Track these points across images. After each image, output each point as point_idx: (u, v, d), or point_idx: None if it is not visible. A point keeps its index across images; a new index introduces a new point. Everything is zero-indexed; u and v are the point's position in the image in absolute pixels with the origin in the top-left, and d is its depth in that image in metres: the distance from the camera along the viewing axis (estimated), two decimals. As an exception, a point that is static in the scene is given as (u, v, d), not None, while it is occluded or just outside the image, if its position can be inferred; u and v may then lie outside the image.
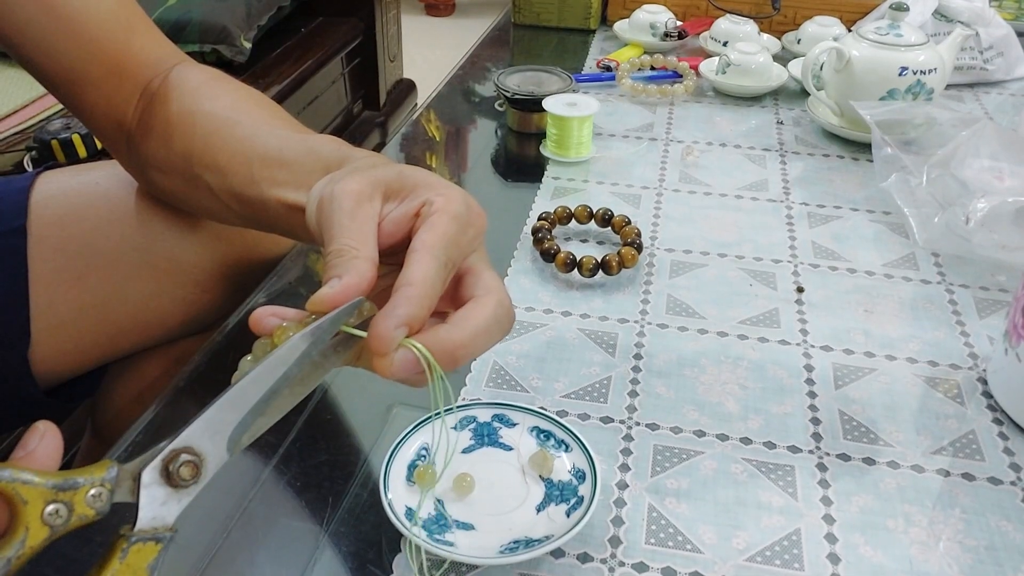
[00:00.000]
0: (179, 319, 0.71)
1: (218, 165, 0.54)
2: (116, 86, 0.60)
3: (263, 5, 1.85)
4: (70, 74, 0.59)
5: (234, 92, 0.60)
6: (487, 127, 0.99)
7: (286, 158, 0.51)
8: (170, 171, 0.59)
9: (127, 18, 0.60)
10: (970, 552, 0.47)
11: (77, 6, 0.58)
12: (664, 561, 0.46)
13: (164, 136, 0.58)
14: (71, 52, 0.58)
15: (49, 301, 0.65)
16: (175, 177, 0.59)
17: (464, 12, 3.85)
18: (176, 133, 0.57)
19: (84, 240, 0.66)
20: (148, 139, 0.60)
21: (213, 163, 0.55)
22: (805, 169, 0.88)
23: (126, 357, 0.73)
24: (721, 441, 0.54)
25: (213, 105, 0.57)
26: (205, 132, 0.56)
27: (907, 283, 0.70)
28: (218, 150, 0.54)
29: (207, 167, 0.55)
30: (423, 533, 0.46)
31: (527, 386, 0.58)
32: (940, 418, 0.56)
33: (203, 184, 0.56)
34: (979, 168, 0.77)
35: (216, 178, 0.55)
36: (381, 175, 0.41)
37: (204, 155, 0.55)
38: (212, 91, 0.59)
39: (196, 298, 0.71)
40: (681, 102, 1.02)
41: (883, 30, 0.90)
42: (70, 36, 0.58)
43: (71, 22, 0.58)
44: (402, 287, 0.37)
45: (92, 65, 0.59)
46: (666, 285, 0.69)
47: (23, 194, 0.66)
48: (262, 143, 0.53)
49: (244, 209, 0.54)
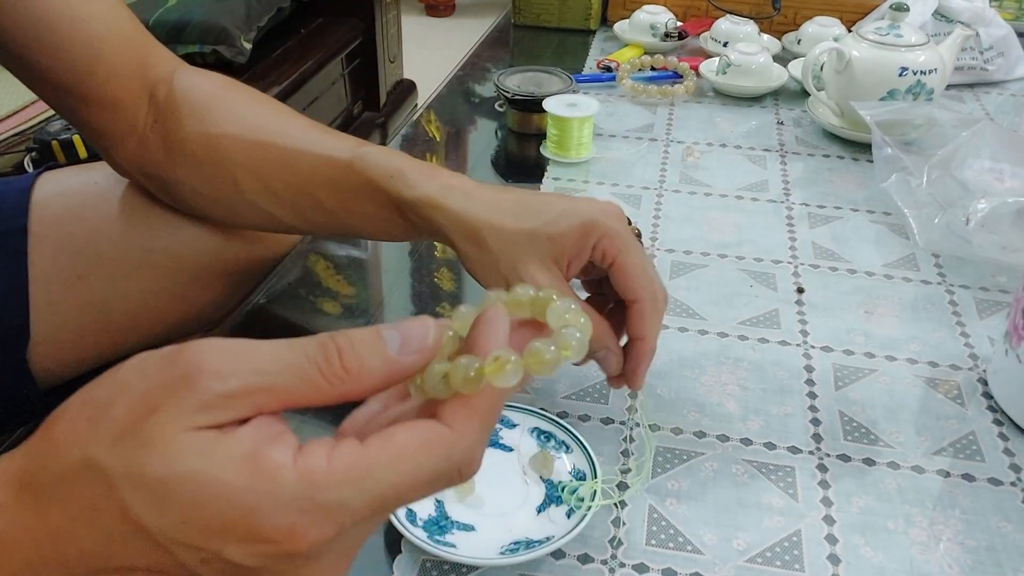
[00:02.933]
0: (179, 318, 0.71)
1: (274, 192, 0.57)
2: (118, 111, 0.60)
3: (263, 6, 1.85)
4: (67, 81, 0.58)
5: (246, 105, 0.61)
6: (487, 128, 0.99)
7: (350, 184, 0.54)
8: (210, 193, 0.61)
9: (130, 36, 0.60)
10: (970, 553, 0.47)
11: (72, 13, 0.57)
12: (664, 562, 0.46)
13: (190, 162, 0.59)
14: (68, 60, 0.58)
15: (49, 300, 0.65)
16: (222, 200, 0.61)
17: (464, 13, 3.85)
18: (206, 161, 0.58)
19: (84, 240, 0.66)
20: (172, 163, 0.60)
21: (266, 190, 0.57)
22: (805, 169, 0.88)
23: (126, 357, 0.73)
24: (721, 442, 0.54)
25: (237, 127, 0.58)
26: (243, 161, 0.57)
27: (907, 284, 0.70)
28: (268, 177, 0.57)
29: (259, 192, 0.58)
30: (423, 534, 0.46)
31: (527, 387, 0.58)
32: (940, 419, 0.56)
33: (258, 209, 0.59)
34: (979, 169, 0.77)
35: (271, 202, 0.58)
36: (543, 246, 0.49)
37: (253, 183, 0.58)
38: (225, 108, 0.60)
39: (196, 297, 0.71)
40: (681, 102, 1.02)
41: (883, 30, 0.90)
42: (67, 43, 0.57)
43: (67, 30, 0.57)
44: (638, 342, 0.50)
45: (93, 85, 0.59)
46: (666, 285, 0.68)
47: (24, 194, 0.66)
48: (311, 167, 0.56)
49: (302, 222, 0.58)
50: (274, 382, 0.28)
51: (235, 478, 0.26)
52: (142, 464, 0.26)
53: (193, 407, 0.27)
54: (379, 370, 0.29)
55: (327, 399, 0.28)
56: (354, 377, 0.28)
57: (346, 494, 0.27)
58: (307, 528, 0.26)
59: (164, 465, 0.26)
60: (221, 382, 0.27)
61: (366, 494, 0.27)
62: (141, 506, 0.26)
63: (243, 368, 0.28)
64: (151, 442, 0.26)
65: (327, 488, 0.27)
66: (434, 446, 0.28)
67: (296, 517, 0.26)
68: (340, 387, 0.28)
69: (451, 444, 0.29)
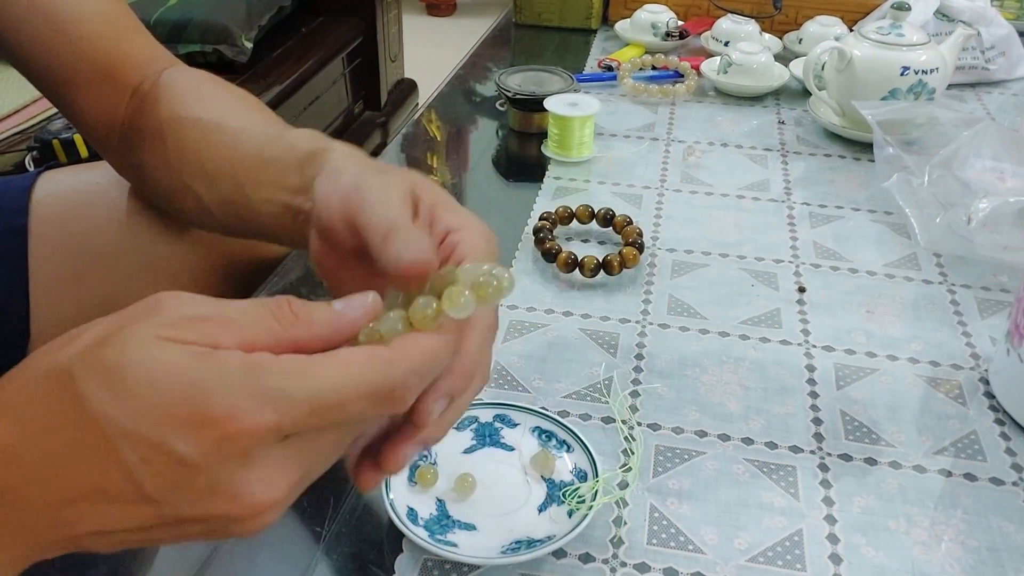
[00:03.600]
0: (180, 319, 0.71)
1: (206, 172, 0.54)
2: (107, 87, 0.60)
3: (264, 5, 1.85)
4: (61, 74, 0.59)
5: (221, 96, 0.60)
6: (488, 127, 0.99)
7: (266, 156, 0.50)
8: (162, 177, 0.59)
9: (118, 19, 0.60)
10: (972, 553, 0.47)
11: (69, 6, 0.58)
12: (666, 561, 0.46)
13: (155, 142, 0.58)
14: (63, 52, 0.58)
15: (49, 300, 0.65)
16: (166, 183, 0.58)
17: (465, 12, 3.85)
18: (167, 140, 0.57)
19: (84, 239, 0.66)
20: (141, 144, 0.59)
21: (201, 171, 0.54)
22: (806, 169, 0.88)
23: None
24: (723, 441, 0.54)
25: (201, 111, 0.57)
26: (193, 139, 0.55)
27: (909, 283, 0.70)
28: (205, 158, 0.54)
29: (195, 175, 0.55)
30: (425, 533, 0.46)
31: (528, 386, 0.58)
32: (942, 418, 0.56)
33: (192, 193, 0.55)
34: (981, 168, 0.77)
35: (204, 185, 0.54)
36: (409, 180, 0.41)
37: (192, 163, 0.55)
38: (200, 95, 0.59)
39: (196, 298, 0.71)
40: (682, 102, 1.02)
41: (885, 30, 0.90)
42: (62, 36, 0.58)
43: (63, 22, 0.58)
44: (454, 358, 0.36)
45: (83, 65, 0.59)
46: (667, 285, 0.69)
47: (24, 193, 0.66)
48: (244, 146, 0.52)
49: (230, 217, 0.53)
50: (231, 315, 0.31)
51: (186, 362, 0.28)
52: (103, 356, 0.29)
53: (158, 323, 0.29)
54: (325, 318, 0.32)
55: (279, 341, 0.31)
56: (302, 322, 0.31)
57: (289, 383, 0.29)
58: (247, 410, 0.28)
59: (121, 353, 0.28)
60: (185, 307, 0.31)
61: (307, 389, 0.29)
62: (95, 390, 0.28)
63: (205, 303, 0.31)
64: (115, 337, 0.29)
65: (271, 374, 0.29)
66: (375, 360, 0.31)
67: (238, 398, 0.28)
68: (290, 329, 0.31)
69: (391, 362, 0.31)
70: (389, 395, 0.31)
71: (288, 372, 0.29)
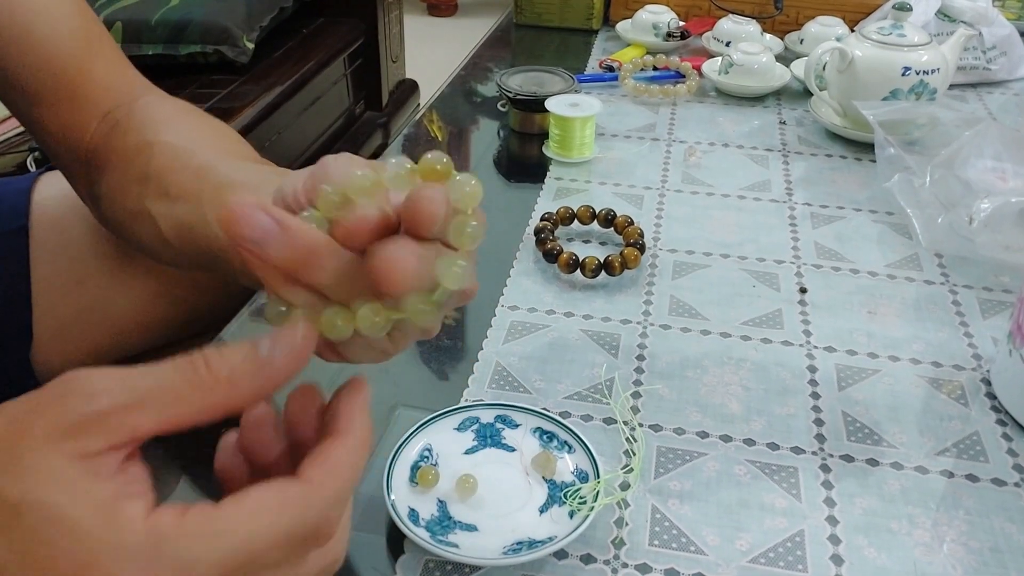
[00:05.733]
0: (181, 320, 0.71)
1: (168, 194, 0.50)
2: (72, 109, 0.57)
3: (265, 6, 1.85)
4: (25, 90, 0.56)
5: (198, 124, 0.57)
6: (489, 127, 0.99)
7: (235, 180, 0.47)
8: (120, 200, 0.55)
9: (90, 41, 0.57)
10: (974, 554, 0.47)
11: (37, 22, 0.55)
12: (667, 563, 0.46)
13: (120, 165, 0.54)
14: (28, 67, 0.55)
15: (50, 302, 0.65)
16: (123, 208, 0.54)
17: (466, 12, 3.85)
18: (133, 163, 0.53)
19: (85, 242, 0.66)
20: (105, 166, 0.56)
21: (163, 192, 0.51)
22: (808, 169, 0.88)
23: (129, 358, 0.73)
24: (724, 442, 0.54)
25: (174, 136, 0.54)
26: (160, 163, 0.52)
27: (910, 284, 0.70)
28: (170, 182, 0.51)
29: (156, 196, 0.51)
30: (426, 534, 0.45)
31: (530, 387, 0.58)
32: (944, 419, 0.56)
33: (147, 217, 0.51)
34: (982, 168, 0.77)
35: (163, 208, 0.50)
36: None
37: (157, 185, 0.51)
38: (176, 123, 0.56)
39: (197, 299, 0.71)
40: (683, 102, 1.02)
41: (886, 30, 0.90)
42: (28, 51, 0.55)
43: (30, 37, 0.55)
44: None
45: (48, 83, 0.56)
46: (669, 286, 0.69)
47: (24, 195, 0.66)
48: (213, 172, 0.49)
49: (185, 244, 0.50)
50: (144, 398, 0.27)
51: (87, 521, 0.26)
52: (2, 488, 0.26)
53: (62, 430, 0.26)
54: (249, 373, 0.28)
55: (203, 411, 0.28)
56: (224, 383, 0.28)
57: (196, 549, 0.26)
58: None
59: (21, 490, 0.26)
60: (91, 401, 0.27)
61: (217, 550, 0.26)
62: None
63: (114, 387, 0.27)
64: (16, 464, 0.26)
65: (175, 541, 0.26)
66: (288, 503, 0.28)
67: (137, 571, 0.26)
68: (211, 396, 0.28)
69: (307, 501, 0.28)
70: (312, 535, 0.29)
71: (194, 536, 0.26)
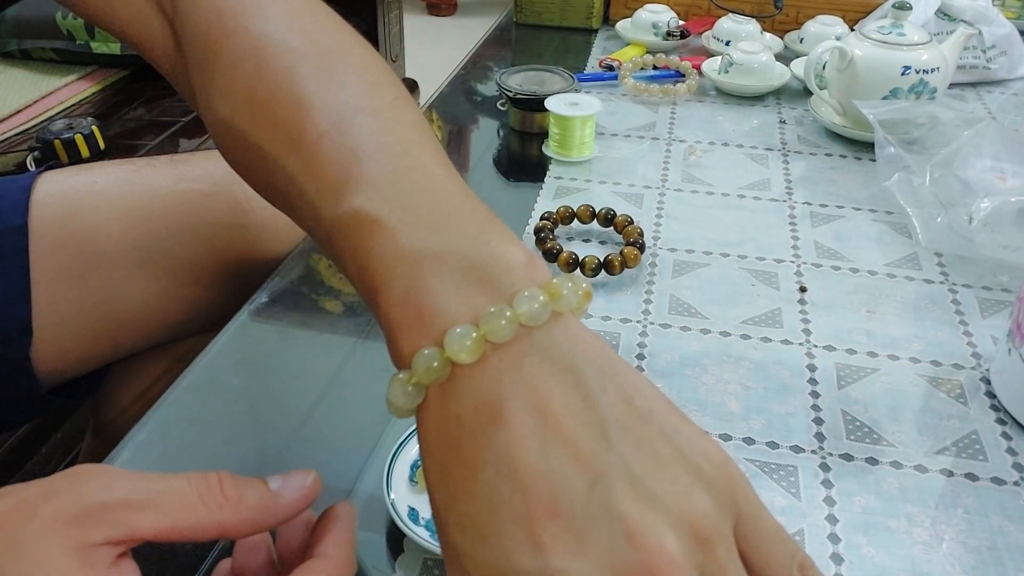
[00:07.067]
0: (181, 318, 0.71)
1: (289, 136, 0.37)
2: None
3: (265, 4, 1.85)
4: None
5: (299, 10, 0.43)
6: (489, 127, 0.99)
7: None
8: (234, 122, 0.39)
9: None
10: (973, 553, 0.47)
11: None
12: (666, 561, 0.46)
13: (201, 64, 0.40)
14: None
15: (51, 299, 0.65)
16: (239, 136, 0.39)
17: (466, 11, 3.85)
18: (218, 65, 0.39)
19: (85, 239, 0.67)
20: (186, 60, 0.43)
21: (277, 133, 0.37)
22: (807, 168, 0.88)
23: (129, 356, 0.73)
24: (724, 441, 0.54)
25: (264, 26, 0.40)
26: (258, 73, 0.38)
27: (910, 283, 0.70)
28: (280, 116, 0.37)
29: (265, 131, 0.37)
30: (426, 533, 0.45)
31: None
32: (943, 418, 0.56)
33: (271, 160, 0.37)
34: (982, 168, 0.77)
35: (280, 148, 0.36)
36: None
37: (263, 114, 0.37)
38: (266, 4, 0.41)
39: (197, 297, 0.71)
40: (683, 101, 1.02)
41: (886, 29, 0.90)
42: None
43: None
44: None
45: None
46: (668, 285, 0.69)
47: (24, 193, 0.66)
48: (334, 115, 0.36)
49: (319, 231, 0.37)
50: (152, 499, 0.28)
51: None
52: (3, 563, 0.26)
53: (70, 516, 0.27)
54: (257, 502, 0.30)
55: (205, 527, 0.29)
56: (232, 504, 0.29)
57: None
58: None
59: (19, 571, 0.26)
60: (105, 492, 0.28)
61: None
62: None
63: (124, 485, 0.28)
64: (19, 545, 0.27)
65: None
66: None
67: None
68: (216, 513, 0.29)
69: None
70: None
71: None
